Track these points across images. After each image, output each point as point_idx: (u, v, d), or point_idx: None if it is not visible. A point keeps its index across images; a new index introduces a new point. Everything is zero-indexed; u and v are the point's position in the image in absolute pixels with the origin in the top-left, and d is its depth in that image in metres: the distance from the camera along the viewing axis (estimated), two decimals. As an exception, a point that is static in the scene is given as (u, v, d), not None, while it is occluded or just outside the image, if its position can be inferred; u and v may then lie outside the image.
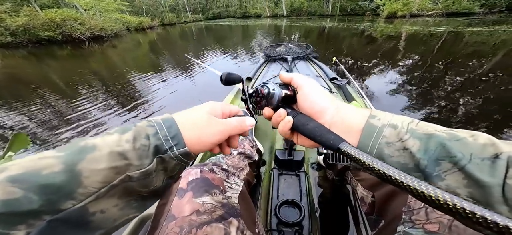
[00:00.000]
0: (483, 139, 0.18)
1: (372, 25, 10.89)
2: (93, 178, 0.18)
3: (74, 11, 12.76)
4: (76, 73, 4.60)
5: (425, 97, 2.44)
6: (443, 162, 0.18)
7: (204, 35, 11.94)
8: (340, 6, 23.79)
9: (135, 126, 0.24)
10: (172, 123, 0.25)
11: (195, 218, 0.33)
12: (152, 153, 0.23)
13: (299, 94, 0.29)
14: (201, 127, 0.27)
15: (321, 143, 0.24)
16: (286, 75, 0.31)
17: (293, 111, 0.29)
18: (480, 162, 0.16)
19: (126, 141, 0.21)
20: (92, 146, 0.19)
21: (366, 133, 0.22)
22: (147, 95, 3.04)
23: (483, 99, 2.26)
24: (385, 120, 0.22)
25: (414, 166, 0.19)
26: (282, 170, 0.77)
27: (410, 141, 0.20)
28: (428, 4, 14.35)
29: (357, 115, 0.24)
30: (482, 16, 11.64)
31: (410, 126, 0.21)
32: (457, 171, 0.17)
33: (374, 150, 0.21)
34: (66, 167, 0.17)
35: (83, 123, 2.31)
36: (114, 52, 7.88)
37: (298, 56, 2.25)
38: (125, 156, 0.21)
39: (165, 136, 0.24)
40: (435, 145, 0.18)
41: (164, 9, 28.39)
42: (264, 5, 32.52)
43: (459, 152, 0.17)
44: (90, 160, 0.18)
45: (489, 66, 3.23)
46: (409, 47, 5.28)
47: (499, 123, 1.86)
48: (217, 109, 0.30)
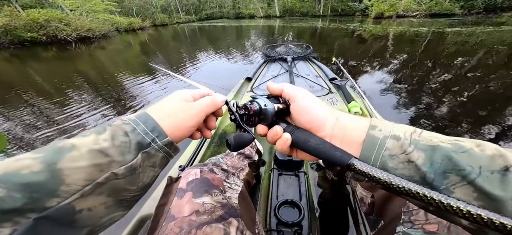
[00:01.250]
0: (491, 149, 0.17)
1: (361, 26, 11.19)
2: (76, 176, 0.18)
3: (59, 12, 12.23)
4: (62, 75, 4.40)
5: (414, 96, 2.52)
6: (451, 175, 0.17)
7: (197, 36, 11.80)
8: (331, 7, 24.29)
9: (110, 125, 0.24)
10: (147, 117, 0.25)
11: (195, 218, 0.33)
12: (135, 148, 0.23)
13: (293, 107, 0.27)
14: (176, 114, 0.27)
15: (326, 160, 0.23)
16: (275, 86, 0.29)
17: (289, 126, 0.27)
18: (489, 175, 0.16)
19: (104, 140, 0.21)
20: (70, 146, 0.20)
21: (367, 146, 0.21)
22: (137, 98, 2.96)
23: (467, 97, 2.37)
24: (386, 131, 0.21)
25: (420, 179, 0.19)
26: (281, 170, 0.77)
27: (414, 153, 0.19)
28: (412, 5, 15.11)
29: (358, 126, 0.23)
30: (462, 17, 12.30)
31: (413, 136, 0.20)
32: (466, 185, 0.17)
33: (377, 163, 0.21)
34: (46, 166, 0.17)
35: (68, 125, 2.21)
36: (102, 54, 7.62)
37: (297, 56, 2.25)
38: (106, 153, 0.21)
39: (144, 130, 0.24)
40: (441, 157, 0.18)
41: (155, 10, 27.79)
42: (257, 6, 32.62)
43: (468, 165, 0.17)
44: (69, 159, 0.19)
45: (471, 65, 3.40)
46: (397, 47, 5.46)
47: (482, 118, 1.95)
48: (187, 95, 0.30)
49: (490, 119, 1.93)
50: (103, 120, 2.34)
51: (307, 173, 0.79)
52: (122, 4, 25.40)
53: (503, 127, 1.79)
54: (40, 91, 3.39)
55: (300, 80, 1.71)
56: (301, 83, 1.66)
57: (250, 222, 0.43)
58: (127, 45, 10.10)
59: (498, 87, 2.53)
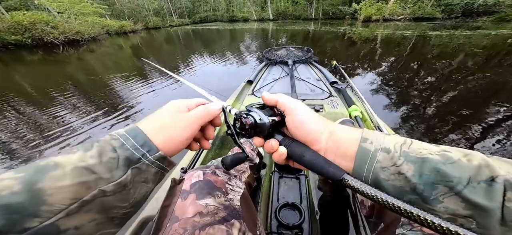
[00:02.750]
0: (477, 160, 0.18)
1: (351, 29, 11.52)
2: (59, 195, 0.18)
3: (45, 14, 11.81)
4: (48, 79, 4.23)
5: (402, 97, 2.61)
6: (439, 186, 0.18)
7: (191, 39, 11.73)
8: (323, 10, 24.96)
9: (98, 141, 0.23)
10: (137, 132, 0.25)
11: (198, 219, 0.34)
12: (123, 164, 0.22)
13: (288, 119, 0.27)
14: (168, 126, 0.26)
15: (320, 173, 0.24)
16: (270, 97, 0.29)
17: (285, 139, 0.27)
18: (476, 185, 0.17)
19: (90, 156, 0.21)
20: (53, 165, 0.19)
21: (360, 158, 0.22)
22: (128, 101, 2.88)
23: (451, 97, 2.49)
24: (377, 144, 0.22)
25: (410, 190, 0.19)
26: (282, 173, 0.77)
27: (404, 165, 0.20)
28: (398, 9, 15.94)
29: (350, 139, 0.24)
30: (443, 21, 13.07)
31: (403, 148, 0.21)
32: (454, 195, 0.17)
33: (369, 175, 0.21)
34: (25, 186, 0.17)
35: (53, 130, 2.11)
36: (92, 57, 7.40)
37: (298, 59, 2.25)
38: (92, 170, 0.20)
39: (133, 146, 0.23)
40: (430, 169, 0.19)
41: (148, 13, 27.43)
42: (251, 9, 32.95)
43: (454, 176, 0.17)
44: (52, 178, 0.18)
45: (453, 67, 3.58)
46: (385, 49, 5.66)
47: (465, 117, 2.04)
48: (181, 105, 0.30)
49: (472, 117, 2.03)
50: (90, 125, 2.26)
51: (307, 175, 0.79)
52: (113, 7, 24.90)
53: (483, 125, 1.89)
54: (24, 96, 3.23)
55: (301, 84, 1.70)
56: (302, 87, 1.64)
57: (252, 224, 0.44)
58: (118, 48, 9.87)
59: (478, 88, 2.67)
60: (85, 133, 2.11)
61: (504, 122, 1.89)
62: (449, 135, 1.80)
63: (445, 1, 15.11)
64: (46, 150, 1.88)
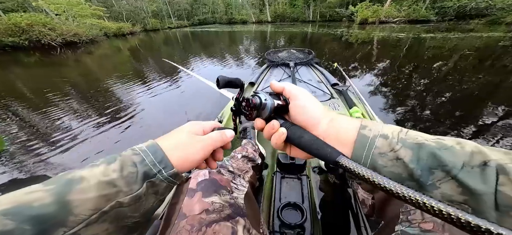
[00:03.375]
0: (470, 146, 0.18)
1: (348, 31, 11.63)
2: (83, 206, 0.19)
3: (43, 16, 11.75)
4: (44, 81, 4.20)
5: (398, 98, 2.65)
6: (436, 171, 0.18)
7: (190, 41, 11.75)
8: (320, 13, 25.18)
9: (120, 155, 0.24)
10: (156, 148, 0.26)
11: (205, 216, 0.36)
12: (141, 178, 0.24)
13: (291, 105, 0.28)
14: (185, 147, 0.28)
15: (317, 155, 0.24)
16: (277, 84, 0.30)
17: (286, 122, 0.28)
18: (470, 170, 0.17)
19: (113, 170, 0.22)
20: (79, 178, 0.21)
21: (358, 144, 0.23)
22: (126, 104, 2.88)
23: (446, 98, 2.53)
24: (375, 131, 0.23)
25: (408, 176, 0.20)
26: (284, 173, 0.77)
27: (402, 151, 0.20)
28: (393, 11, 16.22)
29: (350, 126, 0.24)
30: (437, 24, 13.26)
31: (400, 135, 0.21)
32: (450, 179, 0.18)
33: (368, 160, 0.22)
34: (56, 198, 0.18)
35: (48, 133, 2.10)
36: (89, 59, 7.38)
37: (300, 61, 2.27)
38: (114, 184, 0.22)
39: (152, 162, 0.25)
40: (426, 154, 0.19)
41: (146, 15, 27.43)
42: (250, 12, 33.16)
43: (450, 161, 0.18)
44: (78, 191, 0.20)
45: (448, 68, 3.64)
46: (381, 51, 5.73)
47: (460, 118, 2.08)
48: (198, 127, 0.31)
49: (467, 117, 2.08)
50: (87, 127, 2.25)
51: (309, 176, 0.79)
52: (111, 9, 24.88)
53: (477, 124, 1.93)
54: (19, 97, 3.21)
55: (302, 85, 1.72)
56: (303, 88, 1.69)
57: (255, 222, 0.45)
58: (116, 50, 9.84)
59: (472, 89, 2.72)
60: (81, 136, 2.10)
61: (497, 123, 1.93)
62: (447, 134, 1.84)
63: (439, 4, 15.44)
64: (45, 154, 1.86)
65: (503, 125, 1.89)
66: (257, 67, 4.59)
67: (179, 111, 2.63)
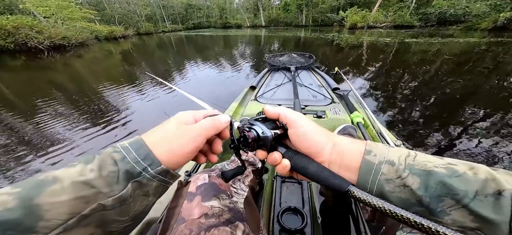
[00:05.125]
0: (483, 173, 0.18)
1: (339, 35, 11.99)
2: (56, 210, 0.18)
3: (30, 19, 11.38)
4: (29, 85, 4.04)
5: (389, 101, 2.73)
6: (446, 199, 0.18)
7: (184, 45, 11.68)
8: (312, 18, 25.93)
9: (100, 154, 0.23)
10: (140, 144, 0.24)
11: (204, 221, 0.35)
12: (124, 178, 0.22)
13: (291, 132, 0.27)
14: (172, 139, 0.25)
15: (325, 185, 0.24)
16: (272, 110, 0.29)
17: (288, 151, 0.27)
18: (483, 199, 0.17)
19: (90, 170, 0.21)
20: (52, 179, 0.19)
21: (364, 171, 0.22)
22: (115, 109, 2.80)
23: (432, 100, 2.64)
24: (381, 156, 0.22)
25: (416, 202, 0.19)
26: (284, 178, 0.76)
27: (409, 178, 0.20)
28: (380, 17, 17.12)
29: (354, 151, 0.24)
30: (420, 29, 14.01)
31: (408, 161, 0.21)
32: (461, 208, 0.17)
33: (374, 187, 0.21)
34: (21, 202, 0.17)
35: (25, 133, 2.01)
36: (79, 63, 7.17)
37: (301, 66, 2.26)
38: (91, 185, 0.20)
39: (134, 159, 0.23)
40: (435, 182, 0.19)
41: (139, 18, 27.15)
42: (244, 16, 33.55)
43: (461, 190, 0.17)
44: (49, 193, 0.18)
45: (431, 73, 3.80)
46: (370, 56, 5.92)
47: (445, 119, 2.15)
48: (188, 116, 0.28)
49: (451, 118, 2.16)
50: (74, 134, 2.17)
51: (309, 180, 0.79)
52: (103, 12, 24.45)
53: (461, 125, 2.01)
54: (3, 102, 3.06)
55: (303, 90, 1.70)
56: (304, 93, 1.63)
57: (255, 226, 0.44)
58: (107, 53, 9.64)
59: (454, 92, 2.84)
60: (66, 142, 2.02)
61: (478, 123, 2.02)
62: (434, 135, 1.89)
63: (422, 10, 16.43)
64: (27, 161, 1.77)
65: (484, 126, 1.98)
66: (252, 71, 4.61)
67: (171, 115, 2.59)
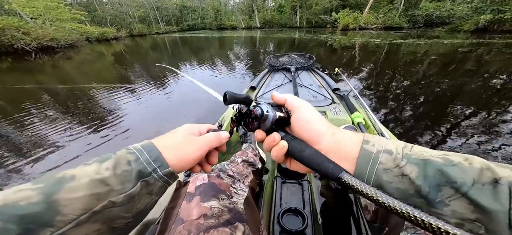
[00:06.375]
0: (478, 163, 0.18)
1: (332, 37, 12.21)
2: (73, 206, 0.19)
3: (16, 20, 10.97)
4: (14, 87, 3.87)
5: (381, 101, 2.79)
6: (445, 188, 0.18)
7: (178, 47, 11.57)
8: (306, 19, 26.30)
9: (115, 154, 0.24)
10: (152, 147, 0.26)
11: (203, 221, 0.35)
12: (135, 177, 0.23)
13: (294, 117, 0.27)
14: (181, 146, 0.28)
15: (318, 171, 0.23)
16: (279, 96, 0.29)
17: (287, 135, 0.27)
18: (481, 187, 0.17)
19: (105, 169, 0.22)
20: (70, 176, 0.20)
21: (362, 160, 0.22)
22: (107, 112, 2.72)
23: (421, 99, 2.72)
24: (379, 146, 0.22)
25: (415, 192, 0.19)
26: (285, 178, 0.76)
27: (407, 167, 0.20)
28: (371, 18, 17.74)
29: (352, 141, 0.24)
30: (408, 30, 14.61)
31: (405, 151, 0.21)
32: (460, 197, 0.17)
33: (372, 176, 0.21)
34: (44, 197, 0.18)
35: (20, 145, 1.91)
36: (68, 65, 6.97)
37: (301, 66, 2.25)
38: (106, 183, 0.21)
39: (147, 160, 0.25)
40: (433, 171, 0.18)
41: (132, 19, 26.71)
42: (239, 18, 33.64)
43: (459, 178, 0.17)
44: (68, 189, 0.19)
45: (420, 73, 3.93)
46: (363, 56, 6.06)
47: (436, 118, 2.21)
48: (194, 129, 0.31)
49: (439, 116, 2.23)
50: (61, 137, 2.09)
51: (310, 181, 0.78)
52: (94, 13, 23.92)
53: (452, 123, 2.08)
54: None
55: (303, 90, 1.70)
56: (304, 93, 1.63)
57: (255, 227, 0.44)
58: (98, 55, 9.42)
59: (443, 90, 2.94)
60: (53, 145, 1.94)
61: (464, 121, 2.10)
62: (425, 133, 1.94)
63: (410, 12, 17.26)
64: (14, 164, 1.68)
65: (470, 123, 2.05)
66: (248, 72, 4.60)
67: (166, 119, 2.54)
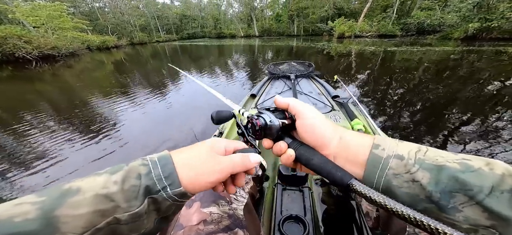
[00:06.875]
0: (500, 168, 0.17)
1: (328, 44, 12.51)
2: (74, 223, 0.17)
3: (19, 28, 11.14)
4: (13, 96, 3.90)
5: (379, 107, 2.84)
6: (458, 195, 0.17)
7: (178, 55, 11.72)
8: (303, 28, 27.01)
9: (127, 165, 0.22)
10: (168, 161, 0.23)
11: (202, 227, 0.35)
12: (143, 193, 0.21)
13: (298, 123, 0.27)
14: (199, 165, 0.24)
15: (327, 178, 0.23)
16: (281, 100, 0.28)
17: (294, 142, 0.27)
18: (499, 195, 0.16)
19: (114, 182, 0.20)
20: (76, 189, 0.19)
21: (371, 165, 0.22)
22: (106, 121, 2.73)
23: (418, 105, 2.79)
24: (390, 151, 0.21)
25: (425, 198, 0.18)
26: (285, 185, 0.75)
27: (419, 173, 0.19)
28: (366, 26, 18.43)
29: (361, 145, 0.23)
30: (402, 38, 15.16)
31: (418, 155, 0.20)
32: (474, 204, 0.16)
33: (381, 181, 0.21)
34: (42, 213, 0.17)
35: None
36: (68, 73, 7.02)
37: (300, 74, 2.30)
38: (111, 198, 0.19)
39: (158, 176, 0.22)
40: (447, 178, 0.18)
41: (133, 28, 27.20)
42: (238, 26, 34.36)
43: (475, 185, 0.17)
44: (70, 205, 0.18)
45: (415, 80, 4.04)
46: (359, 63, 6.20)
47: (433, 124, 2.27)
48: (220, 146, 0.27)
49: (436, 122, 2.29)
50: (61, 148, 2.10)
51: (311, 188, 0.78)
52: (96, 22, 24.34)
53: (449, 129, 2.13)
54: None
55: (303, 97, 1.72)
56: (304, 101, 1.55)
57: (255, 234, 0.44)
58: (98, 63, 9.50)
59: (437, 97, 3.02)
60: (51, 156, 1.95)
61: (461, 127, 2.15)
62: (423, 140, 1.97)
63: (402, 21, 18.04)
64: (11, 176, 1.69)
65: (467, 129, 2.10)
66: (247, 80, 4.67)
67: (164, 126, 2.57)
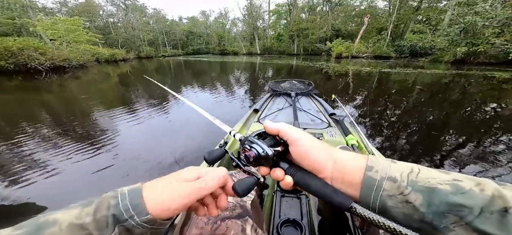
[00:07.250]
0: (490, 189, 0.17)
1: (327, 64, 12.93)
2: None
3: (37, 41, 11.90)
4: (17, 106, 4.08)
5: (376, 128, 2.93)
6: (449, 215, 0.18)
7: (182, 69, 12.09)
8: (303, 47, 28.34)
9: (100, 197, 0.24)
10: (137, 193, 0.25)
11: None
12: (112, 222, 0.22)
13: (292, 149, 0.28)
14: (167, 193, 0.26)
15: (327, 201, 0.25)
16: (271, 126, 0.29)
17: (291, 168, 0.28)
18: (489, 216, 0.16)
19: (86, 214, 0.22)
20: (53, 221, 0.20)
21: (366, 187, 0.23)
22: (107, 134, 2.83)
23: (413, 127, 2.88)
24: (383, 172, 0.22)
25: (418, 218, 0.19)
26: (284, 192, 0.81)
27: (412, 195, 0.20)
28: (362, 48, 19.45)
29: (355, 167, 0.24)
30: (396, 60, 15.85)
31: (410, 177, 0.21)
32: (465, 225, 0.17)
33: (377, 201, 0.22)
34: None
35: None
36: (74, 84, 7.35)
37: (300, 92, 2.44)
38: (85, 227, 0.21)
39: (125, 206, 0.23)
40: (439, 200, 0.18)
41: (142, 42, 28.72)
42: (241, 44, 36.04)
43: (466, 206, 0.17)
44: None
45: (410, 102, 4.17)
46: (356, 83, 6.38)
47: (429, 146, 2.34)
48: (192, 174, 0.28)
49: (432, 144, 2.35)
50: (58, 160, 2.19)
51: (308, 196, 0.82)
52: (108, 36, 25.86)
53: (444, 150, 2.21)
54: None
55: (302, 114, 1.83)
56: (303, 117, 1.78)
57: (260, 226, 0.50)
58: (105, 75, 9.93)
59: (433, 119, 3.12)
60: (49, 168, 2.03)
61: (456, 148, 2.23)
62: (420, 161, 2.04)
63: (396, 43, 19.20)
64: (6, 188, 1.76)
65: (462, 151, 2.18)
66: (249, 96, 4.88)
67: (164, 141, 2.66)
